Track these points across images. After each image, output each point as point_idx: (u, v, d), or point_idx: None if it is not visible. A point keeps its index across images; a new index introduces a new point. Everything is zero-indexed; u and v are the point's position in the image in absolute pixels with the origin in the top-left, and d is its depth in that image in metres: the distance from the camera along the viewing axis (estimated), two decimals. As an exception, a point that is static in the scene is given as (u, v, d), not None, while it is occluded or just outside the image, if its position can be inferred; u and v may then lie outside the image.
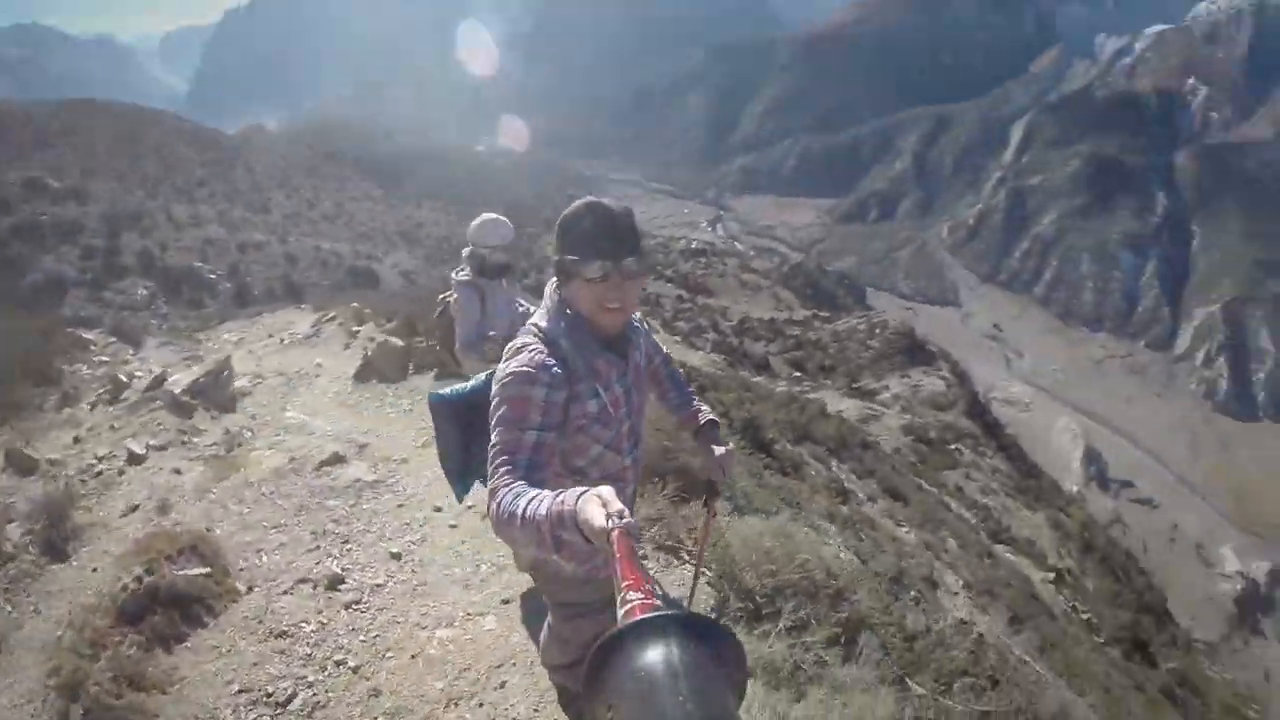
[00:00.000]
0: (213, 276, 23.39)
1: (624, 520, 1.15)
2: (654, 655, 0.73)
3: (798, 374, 24.64)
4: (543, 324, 1.75)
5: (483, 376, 2.10)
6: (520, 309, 3.80)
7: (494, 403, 1.62)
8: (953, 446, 17.03)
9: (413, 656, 3.27)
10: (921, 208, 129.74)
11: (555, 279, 1.80)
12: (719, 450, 2.08)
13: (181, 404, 6.53)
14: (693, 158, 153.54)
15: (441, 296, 4.10)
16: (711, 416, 2.17)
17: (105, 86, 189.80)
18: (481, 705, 2.96)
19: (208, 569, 3.82)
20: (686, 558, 3.74)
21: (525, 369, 1.62)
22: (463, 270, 3.71)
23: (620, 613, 0.91)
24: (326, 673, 3.23)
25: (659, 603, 0.92)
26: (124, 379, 7.59)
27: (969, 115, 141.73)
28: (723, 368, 18.38)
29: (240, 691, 3.15)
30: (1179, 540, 68.91)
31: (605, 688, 0.75)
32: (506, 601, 3.55)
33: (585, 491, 1.24)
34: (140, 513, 4.83)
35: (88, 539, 4.64)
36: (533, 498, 1.36)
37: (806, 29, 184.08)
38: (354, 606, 3.65)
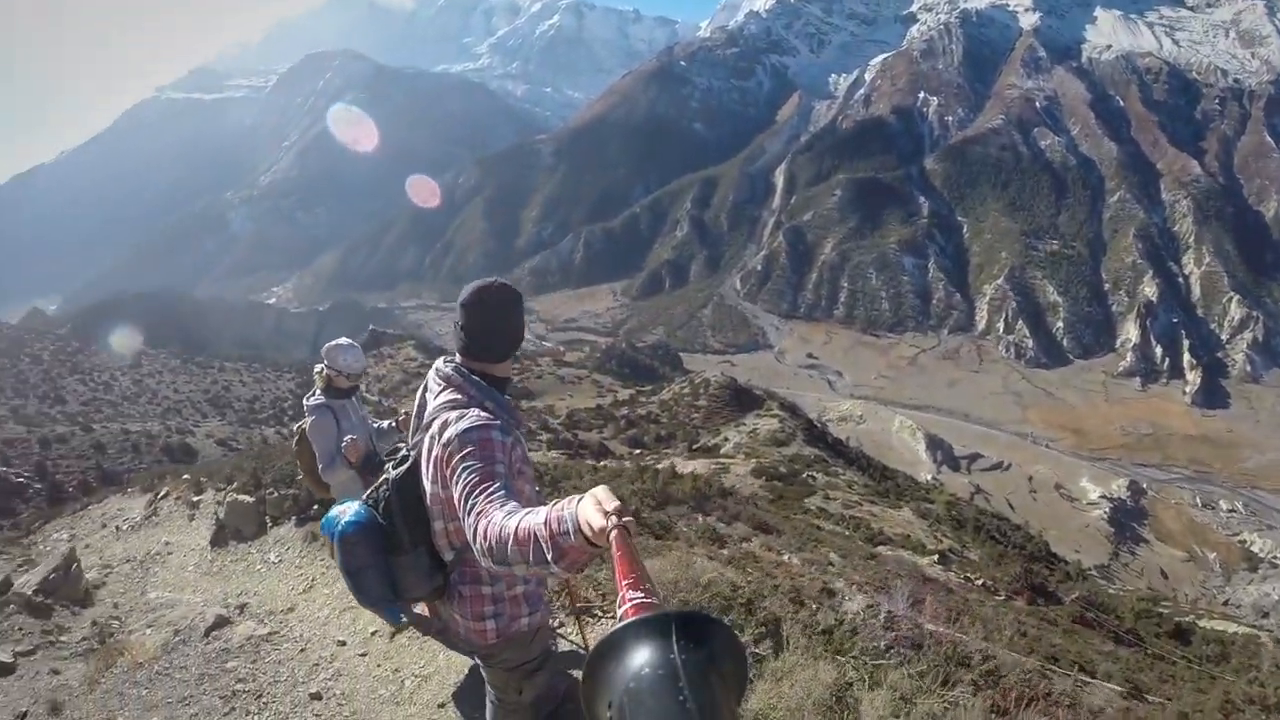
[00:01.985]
0: (19, 480, 21.35)
1: (623, 519, 1.21)
2: (654, 654, 0.72)
3: (638, 450, 24.62)
4: (459, 396, 1.89)
5: (359, 506, 2.11)
6: (374, 424, 4.15)
7: (459, 453, 1.71)
8: (804, 475, 17.77)
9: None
10: (710, 266, 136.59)
11: (449, 361, 1.99)
12: None
13: (36, 605, 6.15)
14: (481, 269, 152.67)
15: (297, 425, 4.25)
16: None
17: None
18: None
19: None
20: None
21: (480, 421, 1.78)
22: (313, 394, 4.04)
23: (620, 611, 0.92)
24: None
25: (658, 601, 0.95)
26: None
27: (732, 173, 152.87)
28: (565, 461, 18.09)
29: None
30: (1039, 488, 73.20)
31: (606, 686, 0.73)
32: (442, 705, 3.57)
33: (582, 496, 1.31)
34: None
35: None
36: (526, 513, 1.42)
37: (564, 127, 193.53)
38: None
